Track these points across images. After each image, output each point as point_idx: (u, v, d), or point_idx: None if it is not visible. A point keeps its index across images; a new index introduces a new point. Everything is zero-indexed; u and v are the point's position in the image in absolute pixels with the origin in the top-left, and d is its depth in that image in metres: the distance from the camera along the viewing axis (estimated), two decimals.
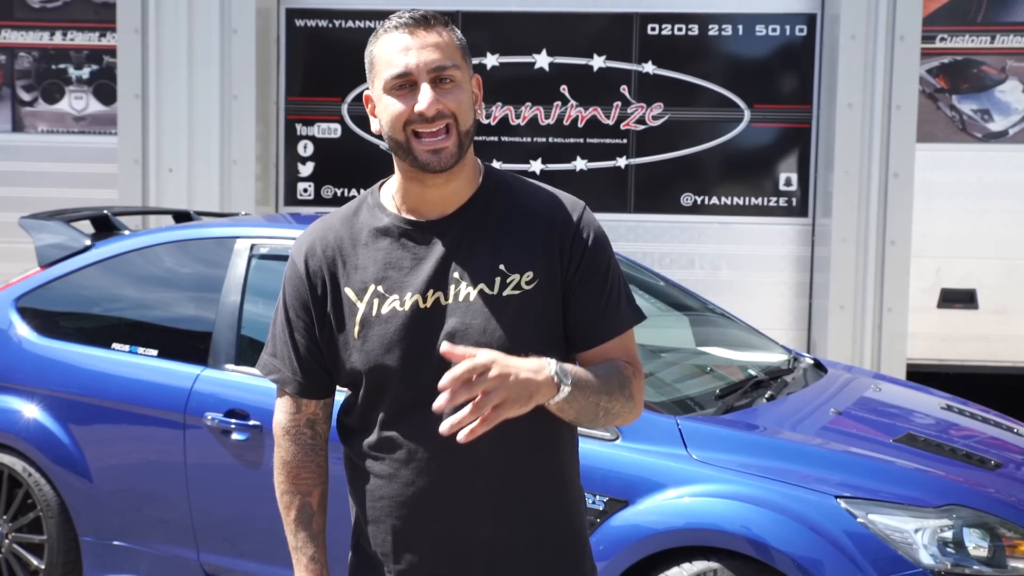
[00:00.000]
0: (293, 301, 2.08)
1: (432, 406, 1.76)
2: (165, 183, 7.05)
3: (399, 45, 1.94)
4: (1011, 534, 3.26)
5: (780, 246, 7.16)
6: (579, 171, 7.16)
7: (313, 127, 7.35)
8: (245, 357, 4.03)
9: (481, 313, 1.97)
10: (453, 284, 1.98)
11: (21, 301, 4.52)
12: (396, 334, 1.98)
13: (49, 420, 4.26)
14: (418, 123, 1.92)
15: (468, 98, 1.97)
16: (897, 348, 6.77)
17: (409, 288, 1.99)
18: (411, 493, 2.02)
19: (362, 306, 2.01)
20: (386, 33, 1.96)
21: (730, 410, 3.73)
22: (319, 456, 2.14)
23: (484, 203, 2.03)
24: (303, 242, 2.10)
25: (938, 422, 4.16)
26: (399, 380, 1.99)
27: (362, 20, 7.28)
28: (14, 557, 4.37)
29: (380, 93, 1.97)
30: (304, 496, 2.14)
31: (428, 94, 1.91)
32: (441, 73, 1.93)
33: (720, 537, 3.30)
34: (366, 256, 2.03)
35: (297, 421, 2.13)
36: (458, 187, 2.02)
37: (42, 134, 7.63)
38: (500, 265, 1.98)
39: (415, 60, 1.92)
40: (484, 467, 1.99)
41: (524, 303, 1.98)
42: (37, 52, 7.60)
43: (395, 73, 1.93)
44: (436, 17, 1.96)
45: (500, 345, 1.91)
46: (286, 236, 4.24)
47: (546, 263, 2.00)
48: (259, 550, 3.92)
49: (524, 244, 2.00)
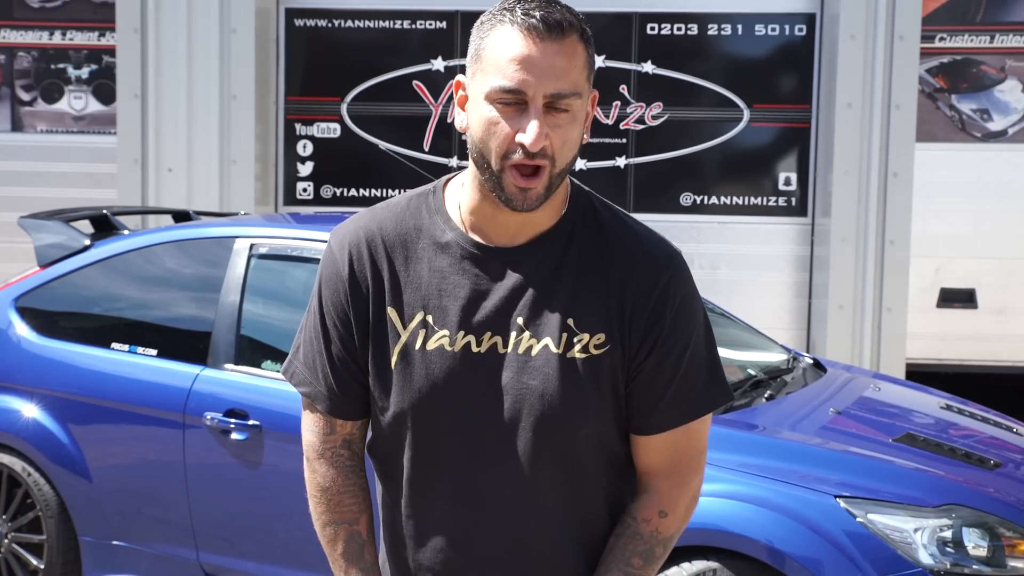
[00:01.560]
0: (330, 307, 1.79)
1: (475, 467, 1.69)
2: (164, 183, 7.04)
3: (519, 51, 1.62)
4: (1010, 534, 3.26)
5: (779, 246, 7.16)
6: (578, 170, 7.16)
7: (312, 127, 7.35)
8: (244, 357, 4.03)
9: (541, 373, 1.70)
10: (515, 331, 1.71)
11: (20, 301, 4.52)
12: (440, 379, 1.72)
13: (48, 420, 4.26)
14: (517, 155, 1.63)
15: (578, 133, 1.66)
16: (896, 348, 6.77)
17: (463, 325, 1.71)
18: (445, 561, 1.79)
19: (405, 334, 1.74)
20: (506, 27, 1.64)
21: (729, 410, 3.72)
22: (360, 479, 1.85)
23: (565, 238, 1.74)
24: (347, 236, 1.79)
25: (937, 422, 4.16)
26: (432, 429, 1.74)
27: (361, 20, 7.28)
28: (13, 557, 4.36)
29: (480, 95, 1.66)
30: (351, 525, 1.83)
31: (536, 128, 1.61)
32: (559, 102, 1.63)
33: (719, 537, 3.30)
34: (418, 273, 1.74)
35: (332, 443, 1.83)
36: (538, 216, 1.72)
37: (41, 134, 7.63)
38: (569, 320, 1.71)
39: (534, 80, 1.61)
40: (525, 540, 1.77)
41: (591, 369, 1.71)
42: (36, 52, 7.60)
43: (505, 87, 1.62)
44: (572, 23, 1.64)
45: (559, 412, 1.70)
46: (285, 236, 4.24)
47: (619, 326, 1.72)
48: (259, 550, 3.92)
49: (600, 299, 1.72)
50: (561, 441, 1.73)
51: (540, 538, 1.76)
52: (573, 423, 1.71)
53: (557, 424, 1.71)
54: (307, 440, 1.85)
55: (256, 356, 4.05)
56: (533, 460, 1.73)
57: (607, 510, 1.82)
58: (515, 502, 1.75)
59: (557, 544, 1.78)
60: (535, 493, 1.75)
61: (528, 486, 1.74)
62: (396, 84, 7.25)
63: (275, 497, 3.87)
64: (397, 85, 7.24)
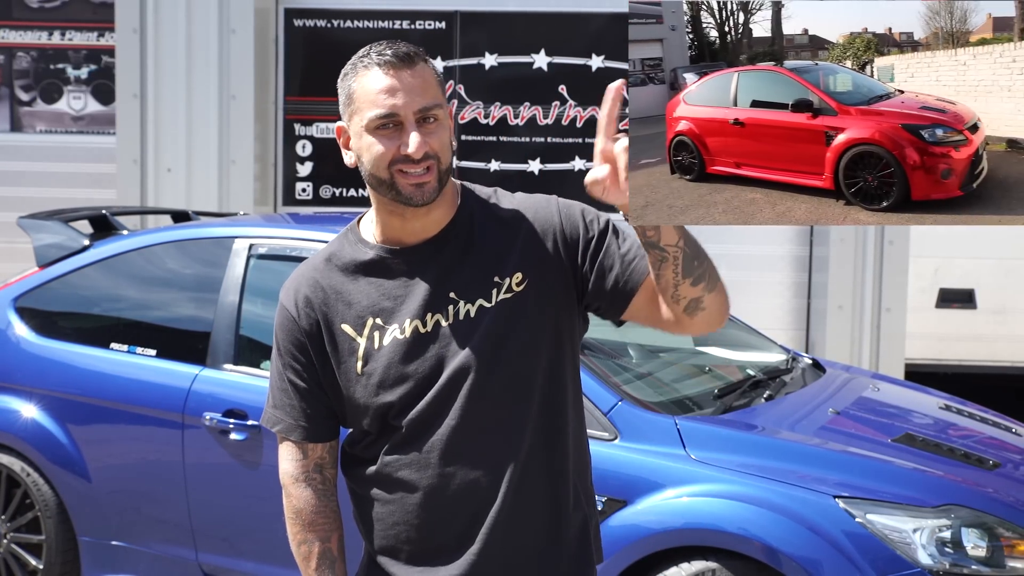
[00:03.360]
0: (288, 346, 2.07)
1: (455, 427, 1.93)
2: (163, 183, 7.04)
3: (382, 84, 1.91)
4: (1009, 534, 3.26)
5: (779, 246, 7.16)
6: (578, 171, 7.16)
7: (311, 127, 7.35)
8: (243, 357, 4.03)
9: (483, 327, 1.97)
10: (451, 304, 1.99)
11: (19, 301, 4.52)
12: (402, 361, 1.98)
13: (47, 420, 4.26)
14: (403, 163, 1.92)
15: (448, 135, 1.96)
16: (895, 348, 6.77)
17: (407, 315, 1.99)
18: (427, 511, 2.01)
19: (363, 340, 2.01)
20: (367, 70, 1.94)
21: (728, 410, 3.73)
22: (332, 501, 2.11)
23: (467, 220, 2.03)
24: (291, 287, 2.09)
25: (936, 422, 4.16)
26: (409, 405, 1.98)
27: (361, 20, 7.28)
28: (12, 557, 4.37)
29: (360, 130, 1.95)
30: (324, 542, 2.09)
31: (416, 138, 1.90)
32: (426, 114, 1.92)
33: (719, 537, 3.30)
34: (357, 291, 2.03)
35: (305, 467, 2.09)
36: (438, 214, 2.01)
37: (40, 134, 7.62)
38: (495, 277, 1.99)
39: (402, 102, 1.91)
40: (496, 477, 1.99)
41: (517, 303, 1.98)
42: (35, 52, 7.60)
43: (381, 114, 1.91)
44: (417, 53, 1.95)
45: (501, 348, 1.96)
46: (285, 236, 4.24)
47: (536, 261, 2.00)
48: (257, 550, 3.92)
49: (513, 251, 2.00)
50: (509, 372, 1.97)
51: (511, 462, 1.99)
52: (514, 352, 1.96)
53: (501, 357, 1.96)
54: (283, 469, 2.11)
55: (255, 356, 4.05)
56: (491, 396, 1.97)
57: (573, 455, 2.06)
58: (486, 433, 1.98)
59: (532, 491, 2.01)
60: (500, 421, 1.98)
61: (493, 420, 1.98)
62: None
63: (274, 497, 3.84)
64: None
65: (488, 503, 1.99)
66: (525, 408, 2.00)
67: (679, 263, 1.84)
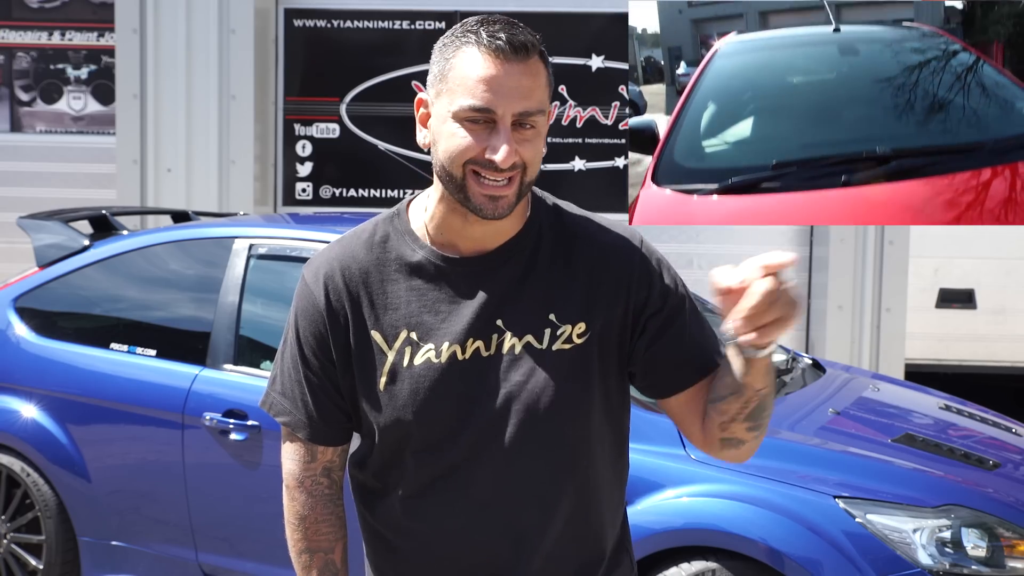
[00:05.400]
0: (308, 336, 1.82)
1: (473, 468, 1.73)
2: (163, 183, 7.04)
3: (485, 73, 1.65)
4: (1009, 534, 3.26)
5: (779, 246, 7.16)
6: (577, 171, 7.16)
7: (311, 127, 7.35)
8: (243, 357, 4.03)
9: (527, 369, 1.75)
10: (496, 334, 1.75)
11: (19, 301, 4.52)
12: (431, 390, 1.75)
13: (47, 420, 4.26)
14: (484, 167, 1.67)
15: (542, 145, 1.72)
16: (895, 348, 6.78)
17: (447, 336, 1.75)
18: (446, 567, 1.82)
19: (392, 354, 1.77)
20: (472, 48, 1.67)
21: None
22: (337, 507, 1.88)
23: (534, 239, 1.79)
24: (321, 268, 1.82)
25: (936, 422, 4.16)
26: (431, 440, 1.77)
27: (361, 20, 7.28)
28: (12, 557, 4.36)
29: (446, 114, 1.69)
30: (326, 553, 1.87)
31: (507, 144, 1.65)
32: (526, 119, 1.67)
33: (719, 537, 3.30)
34: (396, 294, 1.78)
35: (312, 471, 1.86)
36: (505, 225, 1.76)
37: (40, 134, 7.62)
38: (551, 315, 1.76)
39: (502, 100, 1.65)
40: (527, 534, 1.79)
41: (576, 358, 1.76)
42: (35, 52, 7.60)
43: (475, 106, 1.65)
44: (534, 44, 1.68)
45: (549, 404, 1.74)
46: (285, 236, 4.24)
47: (602, 314, 1.77)
48: (257, 550, 3.92)
49: (577, 291, 1.77)
50: (554, 432, 1.76)
51: (539, 533, 1.79)
52: (564, 413, 1.75)
53: (548, 415, 1.75)
54: (287, 468, 1.88)
55: (255, 356, 4.05)
56: (529, 454, 1.76)
57: (604, 506, 1.85)
58: (515, 498, 1.77)
59: (558, 538, 1.80)
60: (533, 486, 1.78)
61: (526, 480, 1.77)
62: (395, 84, 7.25)
63: (274, 497, 3.85)
64: (396, 85, 7.24)
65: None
66: (566, 478, 1.79)
67: (750, 407, 1.72)
